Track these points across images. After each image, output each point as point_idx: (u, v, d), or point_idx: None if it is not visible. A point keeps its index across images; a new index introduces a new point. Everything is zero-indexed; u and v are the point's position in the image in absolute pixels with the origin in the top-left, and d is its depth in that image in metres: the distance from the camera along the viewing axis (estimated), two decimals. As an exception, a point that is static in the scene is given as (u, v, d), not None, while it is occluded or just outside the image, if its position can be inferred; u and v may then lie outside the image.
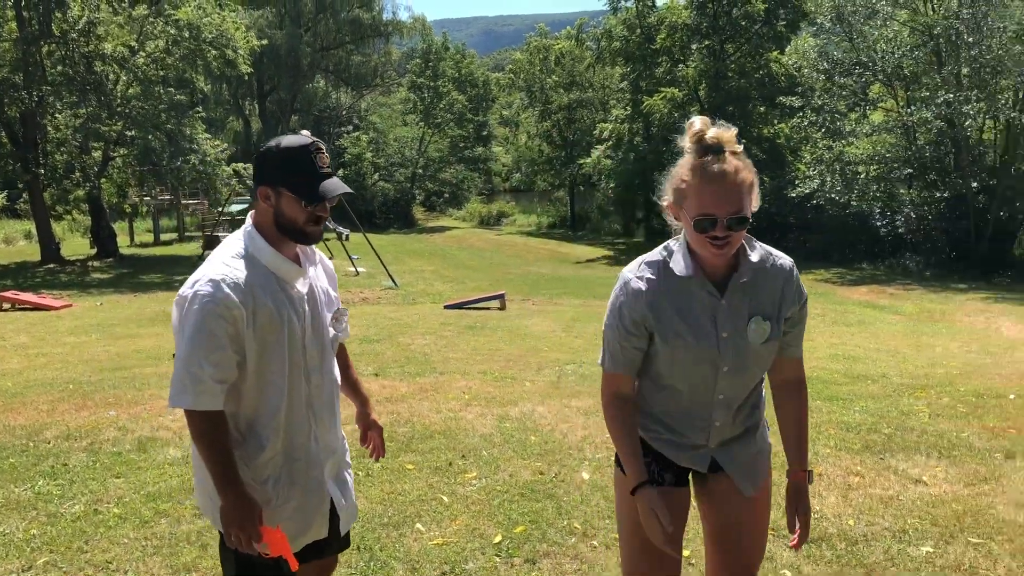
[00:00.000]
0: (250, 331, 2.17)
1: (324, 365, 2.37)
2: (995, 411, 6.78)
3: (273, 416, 2.25)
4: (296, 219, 2.24)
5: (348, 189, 2.29)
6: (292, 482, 2.29)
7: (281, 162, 2.22)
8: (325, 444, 2.37)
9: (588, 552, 3.68)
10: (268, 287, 2.22)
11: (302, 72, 42.44)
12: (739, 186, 2.08)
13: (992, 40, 21.15)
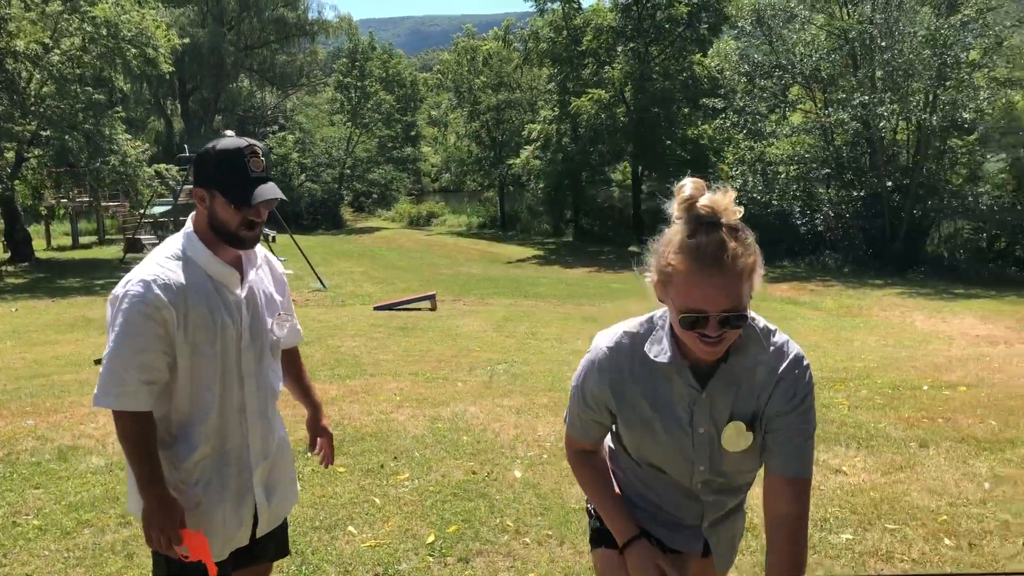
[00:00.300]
0: (181, 333, 2.15)
1: (260, 370, 2.35)
2: (910, 402, 7.05)
3: (204, 419, 2.23)
4: (229, 223, 2.22)
5: (280, 195, 2.25)
6: (223, 486, 2.27)
7: (215, 165, 2.20)
8: (256, 450, 2.35)
9: (521, 549, 3.72)
10: (203, 290, 2.21)
11: (225, 71, 41.64)
12: (737, 275, 1.70)
13: (903, 45, 21.95)
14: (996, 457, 5.27)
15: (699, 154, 29.82)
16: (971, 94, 21.73)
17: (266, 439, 2.39)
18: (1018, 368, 9.04)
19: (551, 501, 4.29)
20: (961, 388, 7.74)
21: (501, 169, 38.15)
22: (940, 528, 4.01)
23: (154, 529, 2.14)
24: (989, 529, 4.01)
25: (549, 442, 5.49)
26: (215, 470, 2.27)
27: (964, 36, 21.47)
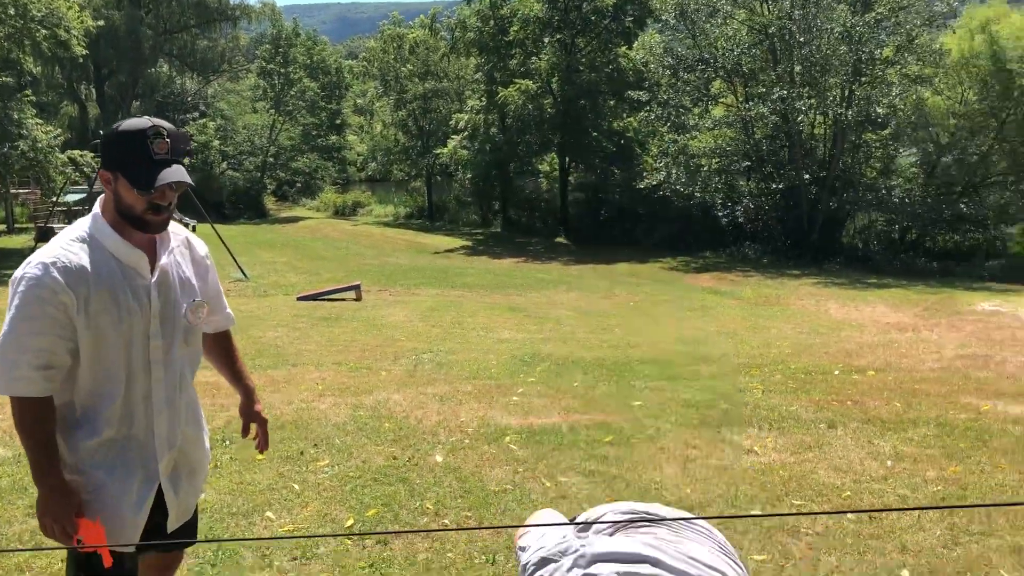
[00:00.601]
0: (82, 318, 2.10)
1: (169, 358, 2.29)
2: (821, 386, 7.31)
3: (109, 406, 2.18)
4: (134, 206, 2.15)
5: (186, 179, 2.16)
6: (128, 473, 2.22)
7: (118, 146, 2.14)
8: (162, 438, 2.28)
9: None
10: (108, 274, 2.15)
11: (143, 56, 40.37)
12: None
13: (821, 40, 22.55)
14: (899, 436, 5.51)
15: (625, 146, 30.15)
16: (884, 90, 22.46)
17: (173, 428, 2.32)
18: (924, 353, 9.45)
19: (471, 484, 4.34)
20: (870, 372, 8.06)
21: (428, 159, 37.94)
22: (844, 503, 4.19)
23: (48, 518, 2.09)
24: (888, 503, 4.20)
25: (472, 427, 5.54)
26: (120, 455, 2.21)
27: (878, 33, 22.16)
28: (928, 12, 22.74)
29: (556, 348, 9.70)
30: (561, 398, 6.62)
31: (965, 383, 7.43)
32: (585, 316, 13.16)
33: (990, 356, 9.05)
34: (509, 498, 4.16)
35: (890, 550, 3.67)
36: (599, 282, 18.93)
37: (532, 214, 35.02)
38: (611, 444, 5.19)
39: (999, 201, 24.12)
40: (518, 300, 15.25)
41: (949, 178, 24.45)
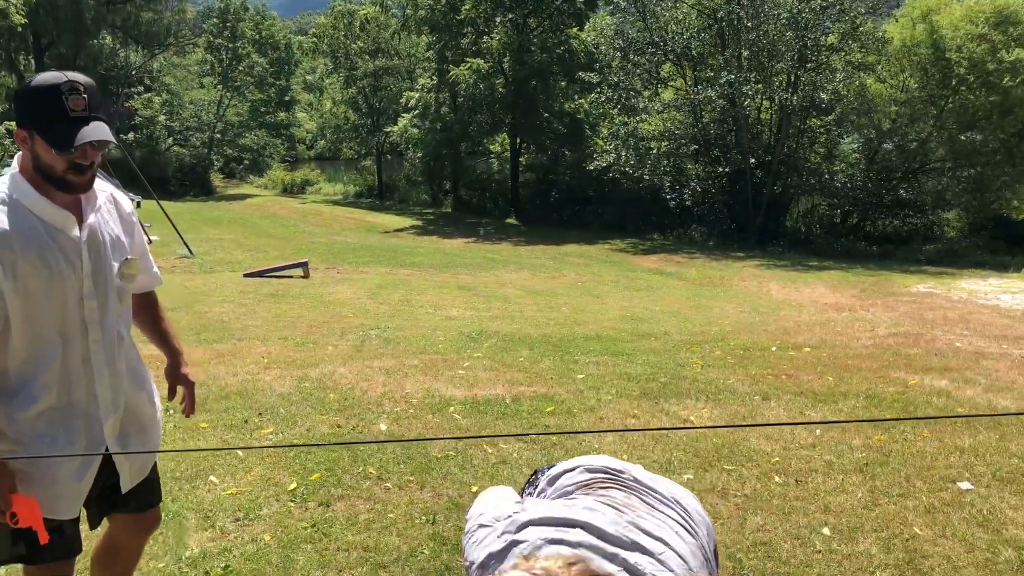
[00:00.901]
0: (10, 283, 2.05)
1: (106, 318, 2.25)
2: (759, 361, 7.53)
3: (46, 370, 2.13)
4: (54, 166, 2.08)
5: (108, 136, 2.08)
6: (71, 440, 2.18)
7: (32, 103, 2.05)
8: (106, 401, 2.24)
9: (382, 493, 3.85)
10: (33, 236, 2.09)
11: (85, 27, 39.31)
12: None
13: (768, 26, 22.88)
14: (829, 408, 5.73)
15: (575, 128, 30.30)
16: (829, 76, 22.88)
17: (116, 389, 2.28)
18: (858, 332, 9.75)
19: (414, 451, 4.42)
20: (806, 349, 8.31)
21: (379, 137, 37.68)
22: (772, 468, 4.36)
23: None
24: (815, 468, 4.39)
25: (416, 398, 5.62)
26: (62, 423, 2.17)
27: (823, 20, 22.55)
28: (872, 1, 23.18)
29: (503, 325, 9.81)
30: (506, 372, 6.73)
31: (895, 359, 7.70)
32: (533, 295, 13.29)
33: (921, 334, 9.38)
34: (451, 464, 4.26)
35: (813, 511, 3.85)
36: (548, 262, 19.08)
37: (483, 194, 35.04)
38: (552, 414, 5.32)
39: (936, 187, 24.77)
40: (467, 279, 15.32)
41: (889, 164, 25.03)
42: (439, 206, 35.41)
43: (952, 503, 3.96)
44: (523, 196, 32.16)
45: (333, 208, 33.74)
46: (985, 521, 3.77)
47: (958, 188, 24.59)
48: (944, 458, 4.60)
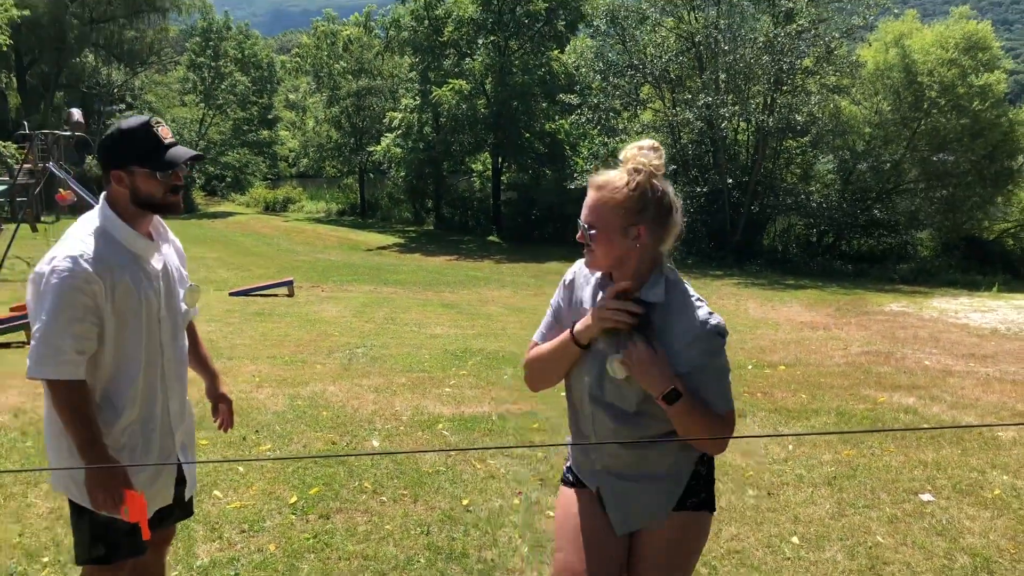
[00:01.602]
0: (109, 305, 2.29)
1: (176, 339, 2.52)
2: (736, 379, 7.71)
3: (130, 386, 2.37)
4: (154, 193, 2.37)
5: (196, 153, 2.44)
6: (148, 451, 2.42)
7: (126, 143, 2.35)
8: (176, 414, 2.51)
9: (378, 506, 4.06)
10: (125, 263, 2.35)
11: (68, 45, 39.32)
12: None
13: (745, 50, 23.35)
14: (802, 424, 5.99)
15: (556, 148, 30.65)
16: (804, 99, 23.37)
17: (182, 403, 2.57)
18: (832, 350, 10.05)
19: (406, 466, 4.64)
20: (781, 367, 8.59)
21: (361, 156, 37.90)
22: (746, 481, 4.61)
23: (99, 490, 2.25)
24: (786, 481, 4.64)
25: (406, 416, 5.83)
26: (142, 435, 2.41)
27: (799, 44, 23.03)
28: (846, 25, 23.71)
29: (487, 343, 10.03)
30: (492, 390, 6.95)
31: (866, 377, 8.00)
32: (516, 312, 13.52)
33: (892, 352, 9.69)
34: (442, 479, 4.48)
35: (784, 521, 4.10)
36: (530, 280, 19.33)
37: (465, 212, 35.32)
38: (538, 431, 5.55)
39: (910, 207, 25.31)
40: (451, 297, 15.54)
41: (864, 184, 25.54)
42: (421, 224, 35.65)
43: (914, 513, 4.22)
44: (505, 214, 32.47)
45: (316, 226, 33.89)
46: (944, 530, 4.03)
47: (931, 208, 25.13)
48: (908, 471, 4.86)
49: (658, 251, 2.24)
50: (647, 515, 2.24)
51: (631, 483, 2.25)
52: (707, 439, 2.15)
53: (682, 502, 2.23)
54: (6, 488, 4.18)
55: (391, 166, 34.31)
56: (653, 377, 2.09)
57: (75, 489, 2.37)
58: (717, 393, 2.16)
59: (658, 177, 2.22)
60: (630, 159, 2.22)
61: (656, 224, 2.21)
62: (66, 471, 2.36)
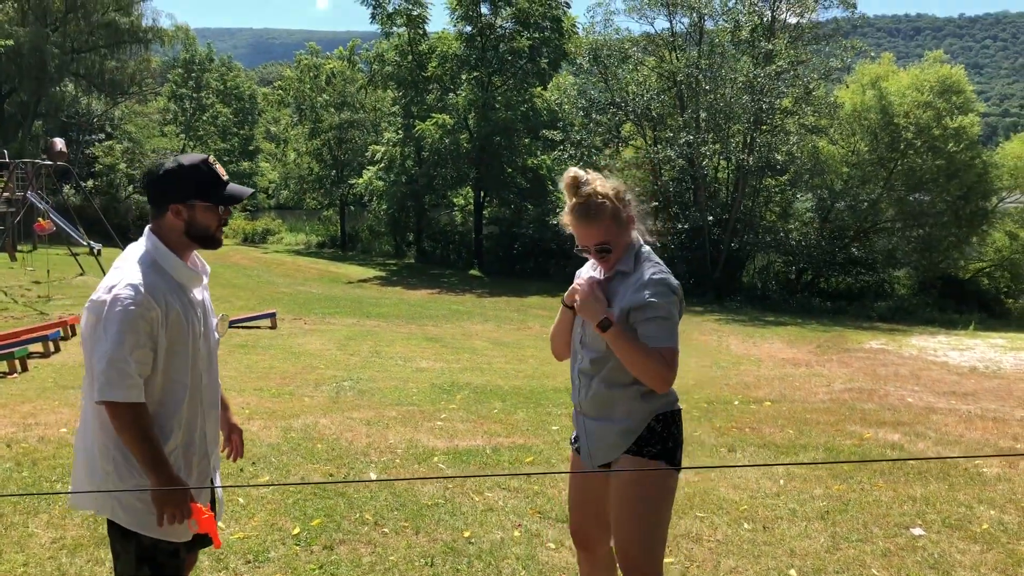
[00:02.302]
0: (162, 331, 2.39)
1: (211, 366, 2.63)
2: (723, 415, 7.87)
3: (177, 410, 2.46)
4: (210, 226, 2.53)
5: (253, 190, 2.60)
6: (189, 475, 2.50)
7: (190, 178, 2.48)
8: (211, 439, 2.61)
9: (380, 538, 4.07)
10: (174, 292, 2.46)
11: (48, 75, 39.18)
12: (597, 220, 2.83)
13: (725, 89, 23.77)
14: (791, 459, 6.06)
15: (538, 183, 30.88)
16: (783, 138, 23.78)
17: (216, 428, 2.66)
18: (815, 387, 10.18)
19: (405, 498, 4.66)
20: (767, 403, 8.69)
21: (343, 188, 37.98)
22: (741, 515, 4.67)
23: (168, 507, 2.33)
24: (780, 515, 4.70)
25: (401, 448, 5.85)
26: (184, 459, 2.50)
27: (778, 85, 23.47)
28: (824, 67, 24.23)
29: (474, 377, 10.07)
30: (483, 423, 6.99)
31: (851, 413, 8.10)
32: (500, 347, 13.57)
33: (874, 390, 9.82)
34: (442, 511, 4.50)
35: (780, 554, 4.15)
36: (512, 314, 19.39)
37: (446, 246, 35.40)
38: (532, 464, 5.58)
39: (887, 246, 25.72)
40: (434, 330, 15.56)
41: (842, 223, 25.93)
42: (402, 257, 35.68)
43: (906, 547, 4.29)
44: (486, 248, 32.59)
45: (296, 258, 33.81)
46: (936, 564, 4.10)
47: (908, 247, 25.54)
48: (898, 506, 4.94)
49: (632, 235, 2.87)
50: (606, 449, 2.80)
51: (595, 422, 2.82)
52: (647, 375, 2.65)
53: (640, 450, 2.75)
54: (5, 518, 4.16)
55: (373, 199, 34.40)
56: (590, 309, 2.73)
57: (122, 512, 2.43)
58: (658, 330, 2.67)
59: (606, 184, 2.87)
60: (589, 187, 2.83)
61: (631, 211, 2.88)
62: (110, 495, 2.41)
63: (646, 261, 2.81)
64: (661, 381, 2.66)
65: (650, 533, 2.75)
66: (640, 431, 2.74)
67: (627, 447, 2.74)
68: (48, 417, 6.63)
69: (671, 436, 2.78)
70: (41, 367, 10.34)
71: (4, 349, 10.35)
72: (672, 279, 2.77)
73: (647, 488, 2.73)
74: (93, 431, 2.45)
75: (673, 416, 2.82)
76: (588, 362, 2.79)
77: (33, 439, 5.81)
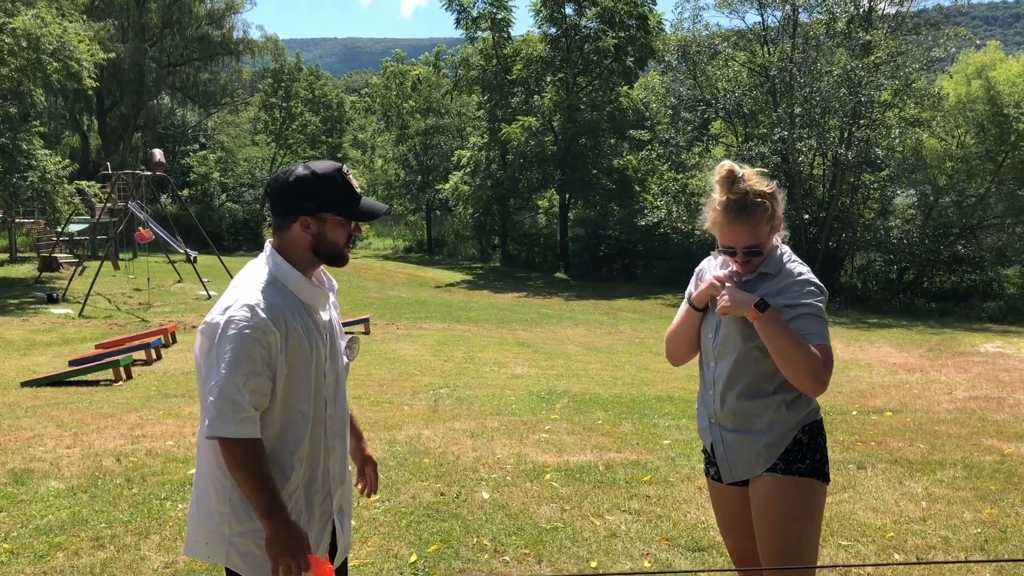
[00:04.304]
0: (282, 356, 2.13)
1: (339, 393, 2.35)
2: (842, 426, 7.41)
3: (297, 445, 2.20)
4: (339, 242, 2.26)
5: (388, 206, 2.36)
6: (311, 517, 2.25)
7: (325, 189, 2.21)
8: (336, 474, 2.34)
9: (502, 567, 3.83)
10: (297, 312, 2.20)
11: (147, 88, 40.57)
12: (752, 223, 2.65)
13: (821, 83, 22.92)
14: (929, 478, 5.60)
15: (624, 184, 30.45)
16: (883, 132, 22.79)
17: (343, 462, 2.38)
18: (936, 395, 9.57)
19: (522, 521, 4.41)
20: (887, 413, 8.17)
21: (429, 193, 38.19)
22: (888, 544, 4.27)
23: (284, 557, 2.08)
24: (932, 544, 4.29)
25: (510, 464, 5.61)
26: (306, 499, 2.24)
27: (876, 77, 22.52)
28: (926, 57, 23.16)
29: (571, 384, 9.79)
30: (589, 436, 6.70)
31: (984, 425, 7.54)
32: (594, 352, 13.26)
33: (1002, 398, 9.17)
34: (562, 536, 4.23)
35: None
36: (602, 318, 19.05)
37: (531, 249, 35.25)
38: (650, 483, 5.27)
39: (996, 243, 24.43)
40: (525, 335, 15.34)
41: (947, 219, 24.76)
42: (488, 260, 35.66)
43: (1084, 584, 3.84)
44: (572, 250, 32.28)
45: (384, 263, 34.13)
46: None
47: (1018, 244, 24.20)
48: (1063, 534, 4.47)
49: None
50: (746, 465, 2.60)
51: (734, 435, 2.63)
52: (802, 371, 2.44)
53: (788, 467, 2.56)
54: (118, 539, 4.06)
55: (458, 203, 34.47)
56: (740, 301, 2.52)
57: (238, 558, 2.18)
58: (813, 326, 2.51)
59: (762, 182, 2.67)
60: (747, 179, 2.65)
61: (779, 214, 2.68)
62: (226, 539, 2.18)
63: (790, 261, 2.65)
64: (816, 382, 2.47)
65: (800, 552, 2.54)
66: (787, 444, 2.57)
67: (772, 462, 2.57)
68: (154, 428, 6.61)
69: (819, 448, 2.62)
70: (144, 375, 10.49)
71: (110, 357, 10.55)
72: (816, 279, 2.63)
73: (799, 506, 2.54)
74: (209, 468, 2.20)
75: (819, 426, 2.66)
76: (726, 370, 2.62)
77: (141, 452, 5.77)
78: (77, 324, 15.88)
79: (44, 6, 21.83)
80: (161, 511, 4.51)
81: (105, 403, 8.12)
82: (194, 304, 18.92)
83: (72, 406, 7.93)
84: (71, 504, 4.55)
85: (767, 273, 2.63)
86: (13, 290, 21.39)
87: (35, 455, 5.61)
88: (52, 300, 19.25)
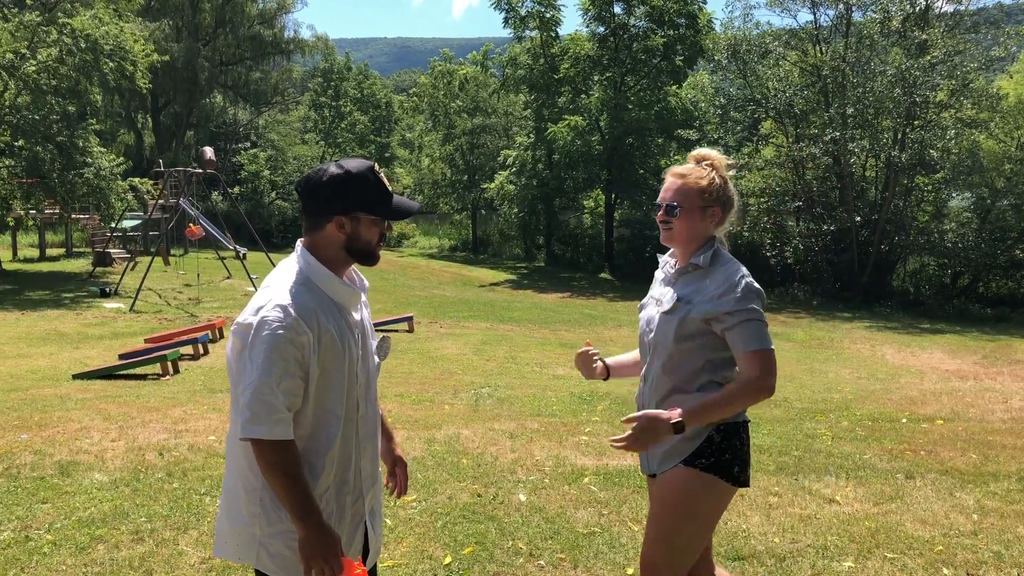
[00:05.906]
0: (315, 357, 2.12)
1: (370, 393, 2.33)
2: (891, 434, 7.23)
3: (329, 446, 2.19)
4: (371, 241, 2.25)
5: (420, 205, 2.33)
6: (342, 518, 2.24)
7: (357, 187, 2.19)
8: (367, 475, 2.32)
9: (536, 572, 3.78)
10: (329, 312, 2.18)
11: (200, 87, 41.31)
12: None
13: (874, 83, 22.46)
14: (981, 490, 5.43)
15: (672, 184, 30.12)
16: (938, 133, 22.26)
17: (374, 463, 2.35)
18: (990, 403, 9.30)
19: (559, 525, 4.36)
20: (938, 421, 7.95)
21: (475, 192, 38.28)
22: (937, 558, 4.14)
23: (317, 560, 2.07)
24: (984, 559, 4.14)
25: (548, 466, 5.56)
26: (336, 501, 2.23)
27: (932, 77, 22.00)
28: (985, 56, 22.56)
29: (613, 387, 9.69)
30: (630, 439, 6.61)
31: (1040, 436, 7.29)
32: (639, 355, 13.12)
33: (1061, 408, 8.88)
34: (599, 541, 4.17)
35: (991, 608, 3.62)
36: (648, 320, 18.86)
37: (576, 249, 35.11)
38: (690, 488, 5.18)
39: (1057, 248, 23.70)
40: (568, 336, 15.26)
41: (1004, 223, 24.07)
42: (532, 260, 35.62)
43: None
44: (617, 251, 32.08)
45: (429, 261, 34.27)
46: None
47: (1080, 249, 23.46)
48: (1123, 552, 4.28)
49: (714, 231, 2.71)
50: (661, 458, 2.65)
51: None
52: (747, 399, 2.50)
53: (693, 461, 2.58)
54: (157, 534, 4.10)
55: (503, 203, 34.46)
56: (652, 437, 2.42)
57: (268, 559, 2.17)
58: (747, 333, 2.51)
59: (726, 172, 2.71)
60: (704, 157, 2.72)
61: (724, 209, 2.69)
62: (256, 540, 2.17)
63: (727, 263, 2.64)
64: (761, 394, 2.50)
65: (673, 545, 2.60)
66: (700, 442, 2.59)
67: (685, 456, 2.59)
68: (197, 423, 6.69)
69: (731, 448, 2.61)
70: (191, 370, 10.64)
71: (157, 352, 10.72)
72: (754, 281, 2.61)
73: (690, 498, 2.58)
74: (239, 469, 2.19)
75: (737, 428, 2.64)
76: (658, 367, 2.66)
77: (184, 447, 5.83)
78: (128, 318, 16.19)
79: (102, 6, 22.30)
80: (200, 506, 4.55)
81: (151, 397, 8.25)
82: (242, 300, 19.16)
83: (120, 399, 8.07)
84: (113, 497, 4.61)
85: (698, 266, 2.65)
86: (68, 284, 21.90)
87: (81, 447, 5.70)
88: (105, 295, 19.67)
